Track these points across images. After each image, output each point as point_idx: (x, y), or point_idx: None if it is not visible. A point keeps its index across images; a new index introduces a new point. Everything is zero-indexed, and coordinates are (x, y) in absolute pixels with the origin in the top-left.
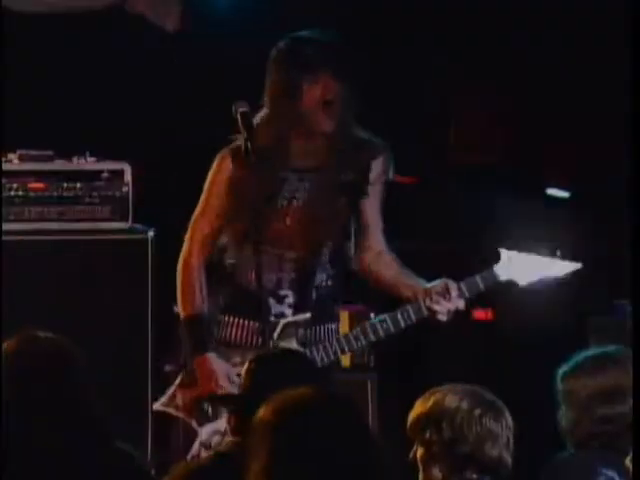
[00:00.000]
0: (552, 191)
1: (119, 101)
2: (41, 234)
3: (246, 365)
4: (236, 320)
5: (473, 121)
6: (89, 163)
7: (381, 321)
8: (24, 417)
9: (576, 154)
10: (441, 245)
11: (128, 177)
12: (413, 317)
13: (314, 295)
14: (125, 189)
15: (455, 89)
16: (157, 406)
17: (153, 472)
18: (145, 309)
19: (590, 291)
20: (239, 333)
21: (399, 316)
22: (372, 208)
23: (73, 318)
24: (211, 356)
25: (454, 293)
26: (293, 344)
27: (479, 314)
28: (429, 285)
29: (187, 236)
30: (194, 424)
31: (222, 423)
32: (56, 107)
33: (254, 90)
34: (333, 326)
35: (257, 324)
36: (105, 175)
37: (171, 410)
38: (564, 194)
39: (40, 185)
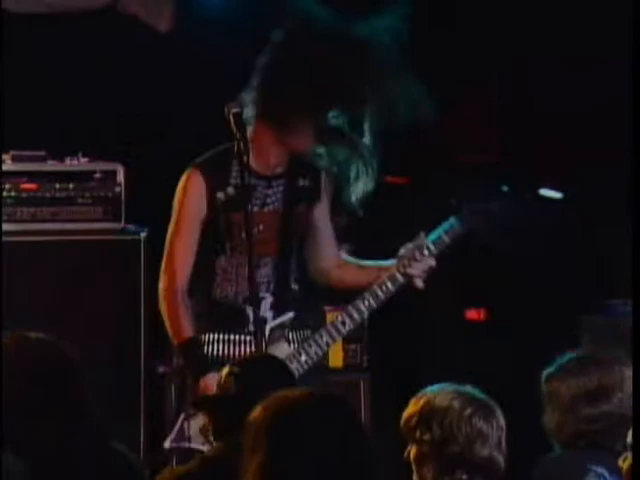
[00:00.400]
0: (545, 191)
1: (111, 101)
2: (33, 235)
3: (226, 369)
4: (217, 336)
5: (466, 121)
6: (82, 164)
7: (362, 299)
8: (19, 417)
9: (569, 155)
10: None
11: (121, 178)
12: (390, 287)
13: (289, 296)
14: (118, 190)
15: (448, 88)
16: (168, 444)
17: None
18: (138, 310)
19: (582, 291)
20: (224, 348)
21: (377, 290)
22: (325, 216)
23: (65, 318)
24: (213, 376)
25: (424, 252)
26: (284, 346)
27: (471, 314)
28: (399, 254)
29: (164, 262)
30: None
31: None
32: (49, 108)
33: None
34: (317, 324)
35: (240, 337)
36: (98, 176)
37: (184, 444)
38: (557, 194)
39: (33, 186)
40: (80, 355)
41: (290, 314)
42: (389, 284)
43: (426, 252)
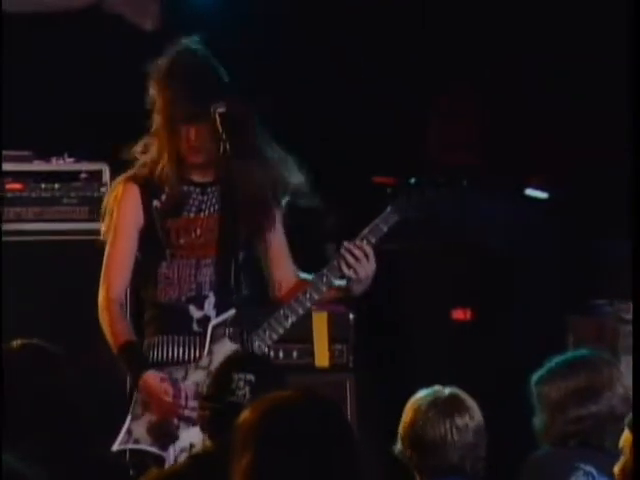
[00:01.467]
0: (531, 192)
1: (98, 101)
2: (19, 235)
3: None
4: (163, 338)
5: (452, 121)
6: (67, 164)
7: (304, 295)
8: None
9: (555, 155)
10: (420, 244)
11: (106, 178)
12: (332, 278)
13: (234, 295)
14: (103, 190)
15: (434, 89)
16: (116, 446)
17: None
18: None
19: (568, 291)
20: (170, 350)
21: (319, 283)
22: (277, 230)
23: (51, 319)
24: (152, 373)
25: (362, 242)
26: (227, 344)
27: (458, 314)
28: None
29: (102, 273)
30: (158, 451)
31: (186, 439)
32: (34, 107)
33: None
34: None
35: (185, 337)
36: (83, 176)
37: (132, 445)
38: (543, 195)
39: (18, 186)
40: (67, 357)
41: (232, 311)
42: (331, 277)
43: (364, 241)
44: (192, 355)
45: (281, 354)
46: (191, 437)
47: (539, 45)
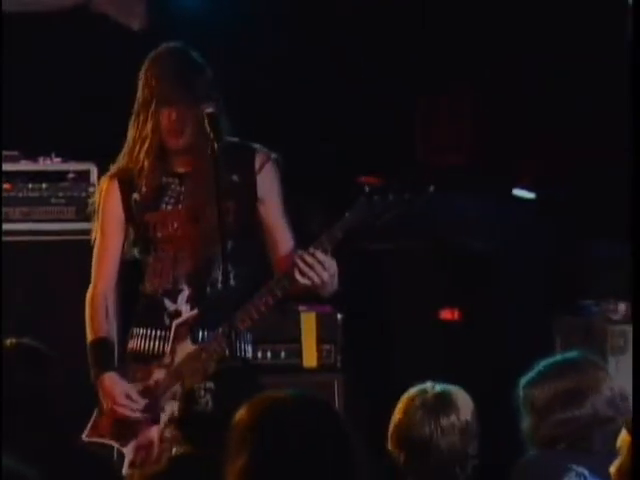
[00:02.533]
0: (518, 192)
1: (85, 101)
2: (6, 235)
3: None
4: (140, 330)
5: (439, 121)
6: (55, 164)
7: (260, 298)
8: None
9: (544, 155)
10: (408, 245)
11: (94, 178)
12: (287, 285)
13: (209, 290)
14: (91, 190)
15: (421, 89)
16: (84, 437)
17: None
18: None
19: (556, 292)
20: (141, 343)
21: (269, 294)
22: (273, 214)
23: (38, 319)
24: (109, 376)
25: (316, 249)
26: (188, 344)
27: (445, 314)
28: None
29: (92, 267)
30: (119, 446)
31: (145, 437)
32: (21, 107)
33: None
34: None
35: (155, 331)
36: (71, 176)
37: (97, 439)
38: (530, 195)
39: (5, 186)
40: (54, 357)
41: (194, 311)
42: (285, 283)
43: (319, 249)
44: (161, 349)
45: (269, 354)
46: (150, 434)
47: (533, 45)
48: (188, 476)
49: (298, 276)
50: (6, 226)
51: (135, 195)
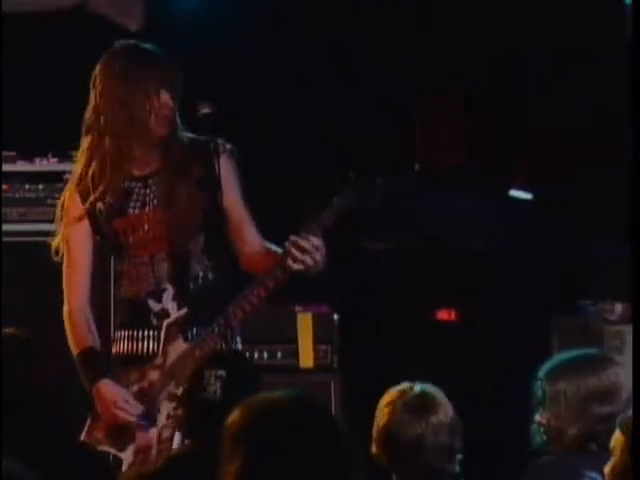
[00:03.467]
0: (516, 192)
1: (82, 101)
2: (3, 236)
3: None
4: (124, 333)
5: (439, 121)
6: (51, 164)
7: (251, 290)
8: None
9: (543, 156)
10: (405, 244)
11: None
12: (280, 275)
13: (192, 286)
14: None
15: (421, 89)
16: (83, 437)
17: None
18: (108, 311)
19: (553, 292)
20: (128, 345)
21: (266, 280)
22: (234, 203)
23: (36, 319)
24: (105, 383)
25: (308, 234)
26: (180, 343)
27: (442, 314)
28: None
29: (64, 284)
30: (115, 452)
31: (143, 440)
32: (18, 107)
33: (219, 90)
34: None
35: (142, 332)
36: (67, 176)
37: (94, 443)
38: (527, 195)
39: (2, 186)
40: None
41: (183, 310)
42: (278, 273)
43: (310, 233)
44: (151, 350)
45: (265, 355)
46: (149, 436)
47: (533, 45)
48: (185, 475)
49: (291, 262)
50: (3, 227)
51: (99, 205)
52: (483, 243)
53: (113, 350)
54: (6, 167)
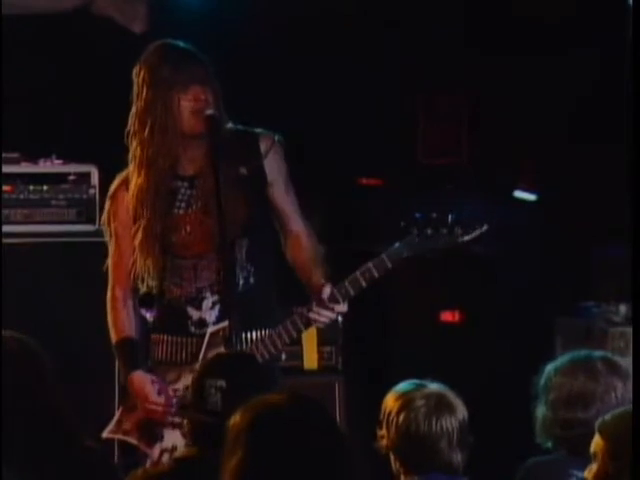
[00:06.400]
0: (520, 194)
1: (86, 103)
2: (6, 237)
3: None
4: (164, 337)
5: (439, 121)
6: (55, 165)
7: (291, 322)
8: None
9: (544, 156)
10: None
11: (95, 180)
12: (303, 328)
13: (234, 294)
14: (92, 192)
15: (421, 89)
16: (106, 434)
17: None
18: None
19: (557, 293)
20: (168, 350)
21: (298, 321)
22: (281, 195)
23: (40, 320)
24: (139, 374)
25: (338, 300)
26: (221, 351)
27: (446, 316)
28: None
29: (109, 271)
30: (143, 446)
31: (169, 441)
32: (22, 109)
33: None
34: (265, 327)
35: (182, 338)
36: (72, 178)
37: (120, 436)
38: (531, 197)
39: (6, 187)
40: (54, 357)
41: (225, 323)
42: (301, 323)
43: (340, 299)
44: (188, 357)
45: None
46: (174, 439)
47: (533, 45)
48: (192, 477)
49: (314, 316)
50: (7, 228)
51: (147, 202)
52: (486, 245)
53: (152, 354)
54: (10, 168)
